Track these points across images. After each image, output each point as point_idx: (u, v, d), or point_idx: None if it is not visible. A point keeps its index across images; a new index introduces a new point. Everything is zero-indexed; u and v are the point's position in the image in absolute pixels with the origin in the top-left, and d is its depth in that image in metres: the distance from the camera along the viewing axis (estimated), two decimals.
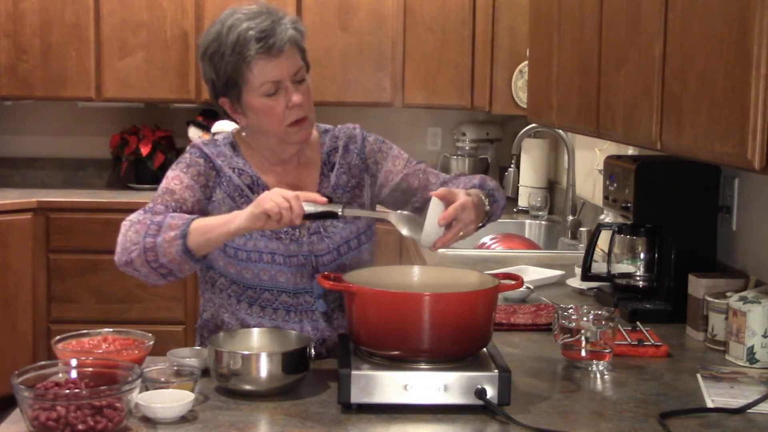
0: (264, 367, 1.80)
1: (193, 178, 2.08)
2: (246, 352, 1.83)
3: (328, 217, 1.90)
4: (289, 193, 1.84)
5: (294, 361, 1.83)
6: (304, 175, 2.18)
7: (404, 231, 1.92)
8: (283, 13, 2.07)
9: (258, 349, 1.92)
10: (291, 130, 2.08)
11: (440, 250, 1.93)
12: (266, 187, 2.10)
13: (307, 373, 1.87)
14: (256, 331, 1.99)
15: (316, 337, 2.11)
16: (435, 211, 1.88)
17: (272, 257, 2.09)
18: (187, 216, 1.95)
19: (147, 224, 1.94)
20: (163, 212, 1.99)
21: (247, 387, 1.81)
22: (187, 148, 2.18)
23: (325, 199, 1.87)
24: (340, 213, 1.88)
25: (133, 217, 2.00)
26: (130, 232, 1.96)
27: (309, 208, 1.85)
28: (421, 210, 2.14)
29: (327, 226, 2.13)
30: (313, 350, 1.89)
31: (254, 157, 2.16)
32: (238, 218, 1.88)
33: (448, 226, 1.88)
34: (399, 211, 1.96)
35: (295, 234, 2.10)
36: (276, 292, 2.10)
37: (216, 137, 2.20)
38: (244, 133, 2.17)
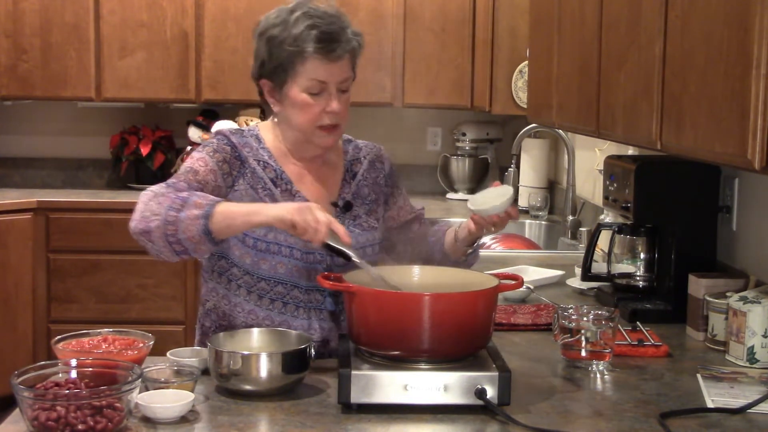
0: (264, 367, 1.80)
1: (218, 164, 2.09)
2: (246, 352, 1.83)
3: (342, 257, 1.92)
4: (323, 218, 1.86)
5: (294, 361, 1.83)
6: (328, 175, 2.20)
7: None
8: (349, 22, 2.13)
9: (258, 349, 1.92)
10: (319, 133, 2.10)
11: None
12: (289, 182, 2.13)
13: (307, 373, 1.87)
14: (256, 331, 1.99)
15: (321, 335, 2.11)
16: (505, 199, 2.11)
17: (290, 251, 2.09)
18: (212, 197, 1.95)
19: (172, 198, 1.93)
20: (185, 190, 1.99)
21: (247, 387, 1.81)
22: (212, 134, 2.19)
23: (349, 240, 1.90)
24: (354, 259, 1.90)
25: (155, 188, 1.99)
26: (152, 202, 1.95)
27: (330, 241, 1.87)
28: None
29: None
30: (313, 350, 1.89)
31: (279, 150, 2.17)
32: (264, 213, 1.90)
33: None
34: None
35: None
36: (289, 286, 2.10)
37: (241, 128, 2.21)
38: (275, 119, 2.19)
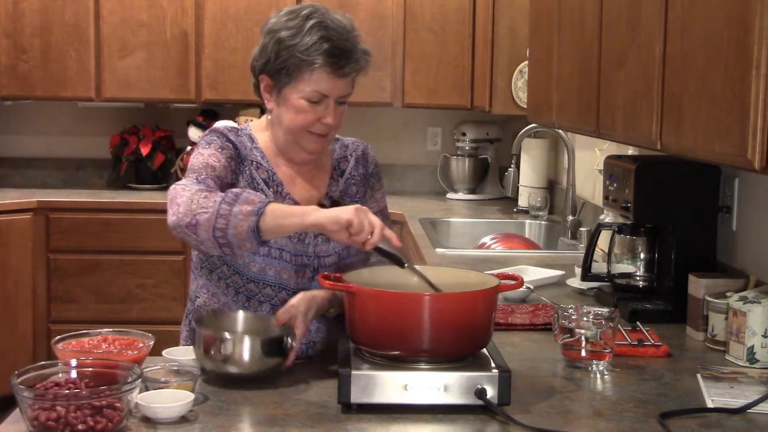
0: (246, 350, 1.85)
1: (228, 161, 2.09)
2: (227, 334, 1.87)
3: (393, 261, 1.90)
4: (377, 222, 1.84)
5: (273, 345, 1.87)
6: (317, 177, 2.20)
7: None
8: (360, 39, 2.10)
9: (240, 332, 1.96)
10: (309, 137, 2.10)
11: (439, 250, 1.93)
12: (280, 184, 2.13)
13: (286, 358, 1.90)
14: (240, 314, 2.03)
15: (307, 338, 2.11)
16: None
17: (280, 253, 2.09)
18: (262, 196, 1.92)
19: (222, 193, 1.90)
20: (213, 186, 1.98)
21: (233, 369, 1.85)
22: (209, 131, 2.16)
23: (400, 244, 1.90)
24: (405, 265, 1.90)
25: (186, 183, 1.96)
26: (196, 196, 1.90)
27: (382, 245, 1.86)
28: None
29: None
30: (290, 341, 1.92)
31: (272, 151, 2.17)
32: (317, 214, 1.85)
33: None
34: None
35: (302, 234, 2.11)
36: (277, 288, 2.10)
37: (235, 126, 2.21)
38: (269, 116, 2.18)
